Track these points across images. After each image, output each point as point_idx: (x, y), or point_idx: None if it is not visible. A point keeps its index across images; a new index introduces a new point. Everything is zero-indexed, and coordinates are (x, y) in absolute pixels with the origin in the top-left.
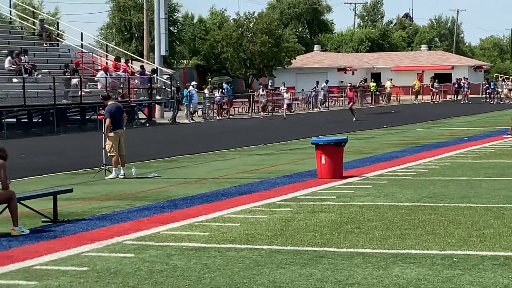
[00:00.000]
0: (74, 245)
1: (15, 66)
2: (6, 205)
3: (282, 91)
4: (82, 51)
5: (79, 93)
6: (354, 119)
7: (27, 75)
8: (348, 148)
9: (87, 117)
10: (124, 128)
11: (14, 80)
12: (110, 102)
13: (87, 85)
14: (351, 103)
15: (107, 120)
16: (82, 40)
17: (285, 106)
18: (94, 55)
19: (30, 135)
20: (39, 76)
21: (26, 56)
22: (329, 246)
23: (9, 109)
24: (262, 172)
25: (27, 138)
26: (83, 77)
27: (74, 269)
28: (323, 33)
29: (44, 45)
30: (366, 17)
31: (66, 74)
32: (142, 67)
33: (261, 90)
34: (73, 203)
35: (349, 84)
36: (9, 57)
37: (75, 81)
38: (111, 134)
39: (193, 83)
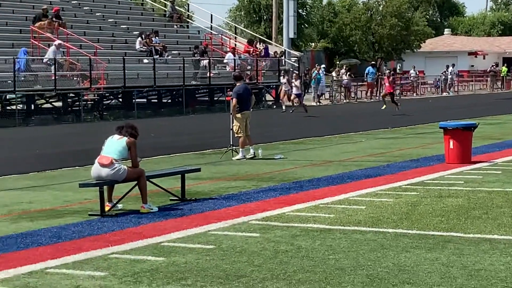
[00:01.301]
0: (201, 224)
1: (146, 47)
2: (136, 182)
3: (411, 75)
4: (211, 33)
5: (208, 75)
6: (397, 108)
7: (158, 56)
8: (478, 133)
9: (215, 98)
10: (251, 109)
11: (145, 61)
12: (239, 83)
13: (215, 66)
14: (387, 92)
15: (234, 101)
16: (211, 22)
17: (293, 96)
18: (223, 37)
19: (159, 115)
20: (169, 57)
21: (157, 38)
22: (456, 231)
23: (140, 90)
24: (389, 156)
25: (157, 118)
26: (212, 58)
27: (201, 247)
28: (454, 16)
29: (175, 26)
30: (499, 0)
31: (195, 55)
32: (266, 47)
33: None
34: (200, 182)
35: (387, 72)
36: (139, 38)
37: (204, 62)
38: (238, 115)
39: (322, 66)
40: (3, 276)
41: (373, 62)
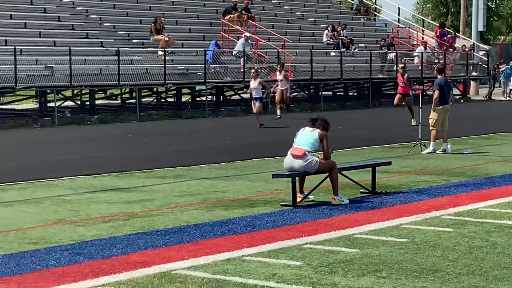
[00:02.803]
0: (392, 217)
1: (333, 40)
2: (327, 174)
3: None
4: (398, 25)
5: (394, 68)
6: (413, 122)
7: (345, 49)
8: None
9: None
10: (451, 103)
11: (332, 53)
12: (440, 76)
13: (402, 59)
14: (399, 96)
15: (436, 93)
16: (398, 15)
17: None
18: (410, 30)
19: (345, 108)
20: (356, 50)
21: (344, 31)
22: None
23: (326, 82)
24: None
25: (342, 110)
26: (399, 51)
27: (393, 240)
28: None
29: (362, 19)
30: None
31: (382, 48)
32: (453, 36)
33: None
34: (389, 176)
35: (401, 65)
36: (326, 31)
37: (391, 55)
38: (439, 108)
39: None
40: (202, 262)
41: None
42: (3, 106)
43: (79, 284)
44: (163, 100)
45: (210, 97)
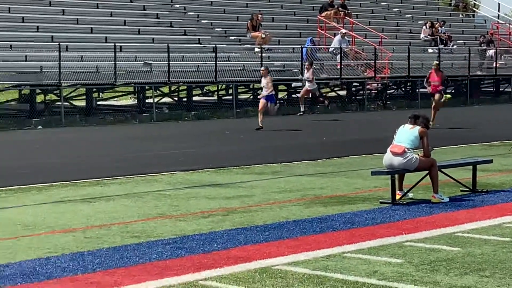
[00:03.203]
0: (494, 215)
1: (430, 37)
2: (426, 172)
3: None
4: (498, 22)
5: (494, 65)
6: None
7: (443, 45)
8: None
9: (500, 89)
10: None
11: (429, 50)
12: None
13: (502, 56)
14: (437, 94)
15: None
16: (498, 11)
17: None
18: (510, 26)
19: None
20: (454, 46)
21: (443, 27)
22: None
23: (423, 79)
24: None
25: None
26: (499, 48)
27: (496, 239)
28: None
29: (460, 15)
30: None
31: (481, 45)
32: None
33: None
34: (489, 174)
35: (434, 63)
36: (424, 27)
37: (490, 52)
38: None
39: None
40: (303, 258)
41: None
42: (103, 102)
43: (181, 278)
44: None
45: None
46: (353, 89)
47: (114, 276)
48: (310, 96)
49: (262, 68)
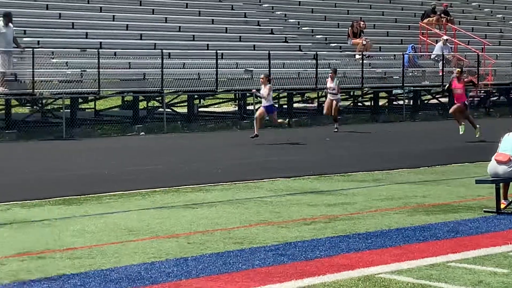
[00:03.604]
0: None
1: None
2: None
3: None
4: None
5: None
6: (477, 134)
7: None
8: None
9: None
10: None
11: None
12: None
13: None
14: (458, 105)
15: None
16: None
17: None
18: None
19: None
20: None
21: None
22: None
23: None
24: None
25: None
26: None
27: None
28: None
29: None
30: None
31: None
32: None
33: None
34: None
35: (457, 70)
36: None
37: None
38: None
39: None
40: (406, 266)
41: None
42: (204, 109)
43: (284, 285)
44: (359, 104)
45: (407, 101)
46: None
47: (218, 282)
48: (333, 107)
49: (262, 75)
